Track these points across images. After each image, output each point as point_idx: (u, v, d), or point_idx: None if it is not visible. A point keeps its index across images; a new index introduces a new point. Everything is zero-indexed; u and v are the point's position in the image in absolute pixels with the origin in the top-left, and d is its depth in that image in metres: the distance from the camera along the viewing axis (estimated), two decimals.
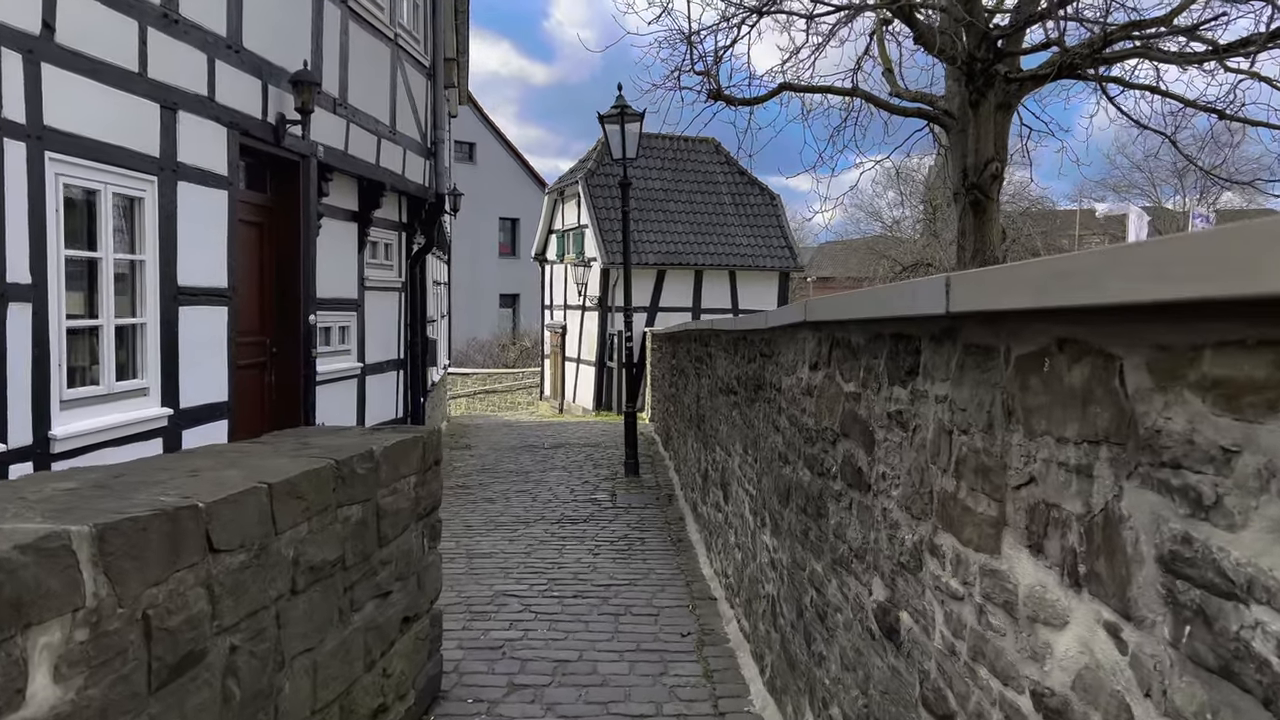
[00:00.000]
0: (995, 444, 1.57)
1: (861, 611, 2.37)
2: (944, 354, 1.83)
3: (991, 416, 1.59)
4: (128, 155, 4.96)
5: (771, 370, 3.83)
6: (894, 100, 10.88)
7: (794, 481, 3.29)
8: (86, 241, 4.81)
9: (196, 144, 5.57)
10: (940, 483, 1.82)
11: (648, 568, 6.01)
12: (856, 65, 11.14)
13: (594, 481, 9.51)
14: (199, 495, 2.14)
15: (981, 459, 1.63)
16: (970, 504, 1.67)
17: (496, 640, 4.57)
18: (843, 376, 2.58)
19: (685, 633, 4.69)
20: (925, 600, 1.90)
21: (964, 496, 1.70)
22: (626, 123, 9.70)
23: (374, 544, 3.11)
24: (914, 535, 1.97)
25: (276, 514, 2.40)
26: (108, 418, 4.86)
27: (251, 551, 2.27)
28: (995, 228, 9.86)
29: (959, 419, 1.73)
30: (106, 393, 4.89)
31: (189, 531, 2.02)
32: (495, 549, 6.54)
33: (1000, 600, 1.54)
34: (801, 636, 3.14)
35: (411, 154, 9.38)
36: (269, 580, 2.37)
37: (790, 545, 3.35)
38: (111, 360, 4.94)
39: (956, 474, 1.74)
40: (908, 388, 2.03)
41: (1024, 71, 9.60)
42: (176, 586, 1.96)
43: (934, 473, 1.86)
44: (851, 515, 2.48)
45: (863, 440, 2.35)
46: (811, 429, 2.97)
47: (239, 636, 2.21)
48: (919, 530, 1.94)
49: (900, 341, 2.09)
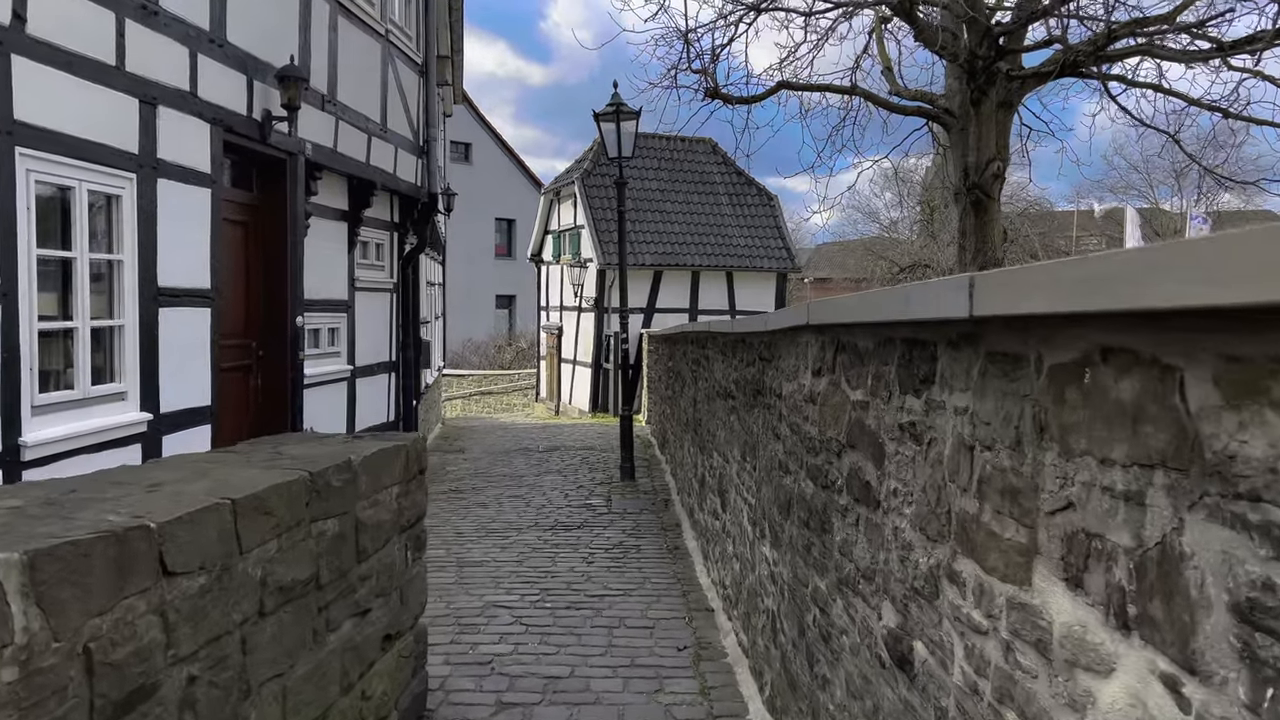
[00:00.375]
0: (1025, 463, 1.41)
1: (870, 636, 2.20)
2: (963, 361, 1.67)
3: (1020, 432, 1.43)
4: (105, 151, 4.79)
5: (771, 375, 3.67)
6: (893, 99, 10.72)
7: (796, 493, 3.13)
8: (61, 241, 4.63)
9: (178, 140, 5.39)
10: (960, 503, 1.66)
11: (643, 577, 5.84)
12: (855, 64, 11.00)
13: (589, 486, 9.34)
14: (154, 513, 1.97)
15: (1009, 479, 1.47)
16: (995, 528, 1.51)
17: (485, 655, 4.40)
18: (849, 383, 2.42)
19: (681, 646, 4.52)
20: (942, 630, 1.74)
21: (988, 520, 1.54)
22: (622, 121, 9.54)
23: (352, 559, 2.94)
24: (929, 559, 1.80)
25: (241, 532, 2.24)
26: (83, 423, 4.69)
27: (212, 573, 2.10)
28: (997, 228, 9.71)
29: (981, 434, 1.57)
30: (82, 397, 4.72)
31: (139, 554, 1.86)
32: (486, 557, 6.37)
33: (1031, 638, 1.38)
34: (804, 657, 2.98)
35: (403, 152, 9.21)
36: (233, 603, 2.20)
37: (792, 560, 3.19)
38: (87, 364, 4.76)
39: (979, 494, 1.58)
40: (922, 397, 1.87)
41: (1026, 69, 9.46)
42: (124, 615, 1.80)
43: (952, 491, 1.70)
44: (859, 532, 2.31)
45: (871, 453, 2.19)
46: (815, 438, 2.81)
47: (198, 666, 2.04)
48: (935, 554, 1.77)
49: (913, 347, 1.93)
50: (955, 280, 1.50)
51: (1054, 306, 1.22)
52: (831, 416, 2.60)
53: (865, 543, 2.25)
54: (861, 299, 2.31)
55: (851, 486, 2.38)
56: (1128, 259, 1.08)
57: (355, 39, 7.96)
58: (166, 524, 1.94)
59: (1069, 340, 1.29)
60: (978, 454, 1.59)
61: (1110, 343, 1.19)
